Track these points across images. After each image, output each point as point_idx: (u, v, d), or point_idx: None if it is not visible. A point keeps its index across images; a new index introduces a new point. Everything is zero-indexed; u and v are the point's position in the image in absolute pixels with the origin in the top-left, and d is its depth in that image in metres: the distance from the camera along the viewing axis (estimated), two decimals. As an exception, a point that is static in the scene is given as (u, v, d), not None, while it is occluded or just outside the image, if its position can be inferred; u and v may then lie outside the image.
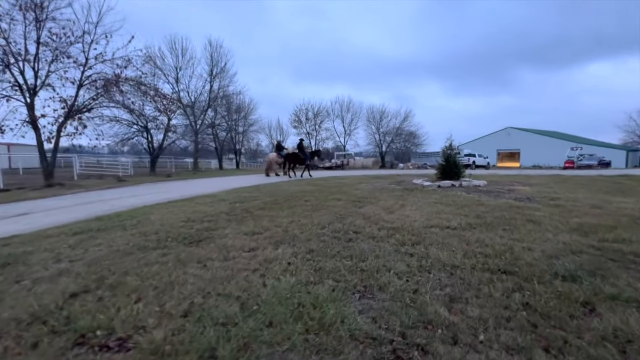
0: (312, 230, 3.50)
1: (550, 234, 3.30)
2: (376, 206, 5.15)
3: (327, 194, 6.74)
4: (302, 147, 15.36)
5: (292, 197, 6.32)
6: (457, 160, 8.52)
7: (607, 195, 6.12)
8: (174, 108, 13.96)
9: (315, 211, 4.73)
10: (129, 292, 1.98)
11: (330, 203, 5.44)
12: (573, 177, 10.51)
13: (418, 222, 3.87)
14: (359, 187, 7.93)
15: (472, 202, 5.39)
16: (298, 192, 7.17)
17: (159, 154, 17.63)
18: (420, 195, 6.32)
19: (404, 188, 7.57)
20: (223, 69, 22.72)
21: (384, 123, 36.77)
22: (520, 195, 6.33)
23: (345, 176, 13.70)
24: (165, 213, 4.77)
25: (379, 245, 2.95)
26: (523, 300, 1.82)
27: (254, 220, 4.11)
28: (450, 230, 3.50)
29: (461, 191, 6.94)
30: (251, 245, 2.99)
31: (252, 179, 13.17)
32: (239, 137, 31.90)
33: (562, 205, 4.97)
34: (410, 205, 5.13)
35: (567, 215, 4.20)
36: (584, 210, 4.54)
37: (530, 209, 4.70)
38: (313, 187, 8.04)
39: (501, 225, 3.69)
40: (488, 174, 15.47)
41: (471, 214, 4.36)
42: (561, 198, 5.77)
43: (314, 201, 5.71)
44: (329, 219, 4.16)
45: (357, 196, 6.27)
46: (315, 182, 9.60)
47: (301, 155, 14.84)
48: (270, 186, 8.87)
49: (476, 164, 28.38)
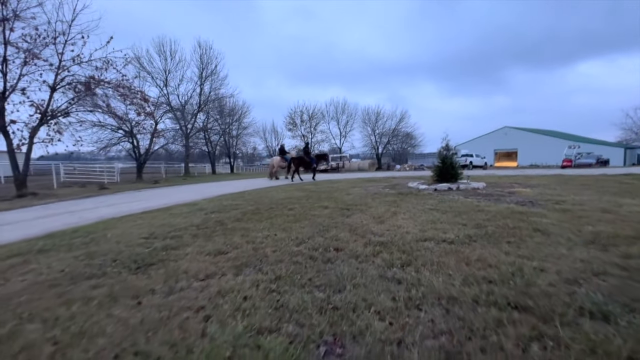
0: (287, 248, 3.02)
1: (563, 247, 2.82)
2: (365, 214, 4.67)
3: (315, 200, 6.26)
4: (308, 151, 15.12)
5: (277, 205, 5.83)
6: (454, 161, 8.07)
7: (615, 197, 5.67)
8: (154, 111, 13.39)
9: (297, 222, 4.25)
10: (18, 349, 1.48)
11: (315, 212, 4.95)
12: (575, 177, 10.09)
13: (410, 235, 3.39)
14: (350, 192, 7.46)
15: (471, 207, 4.93)
16: (284, 199, 6.68)
17: (146, 160, 17.06)
18: (415, 201, 5.85)
19: (398, 192, 7.10)
20: (213, 71, 22.28)
21: (379, 124, 36.49)
22: (522, 198, 5.87)
23: (340, 179, 13.23)
24: (130, 227, 4.26)
25: (362, 267, 2.47)
26: (546, 358, 1.33)
27: (224, 236, 3.62)
28: (446, 244, 3.02)
29: (459, 195, 6.48)
30: (209, 270, 2.50)
31: (242, 184, 12.67)
32: (233, 141, 31.41)
33: (570, 210, 4.51)
34: (403, 213, 4.66)
35: (578, 223, 3.74)
36: (595, 216, 4.08)
37: (536, 215, 4.24)
38: (302, 193, 7.55)
39: (505, 236, 3.22)
40: (486, 174, 15.05)
41: (470, 222, 3.89)
42: (567, 201, 5.32)
43: (299, 209, 5.22)
44: (310, 231, 3.67)
45: (347, 203, 5.79)
46: (305, 188, 9.12)
47: (307, 159, 14.60)
48: (257, 192, 8.37)
49: (473, 164, 28.05)
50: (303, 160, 14.58)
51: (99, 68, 9.87)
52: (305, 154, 14.91)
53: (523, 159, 39.95)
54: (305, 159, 14.63)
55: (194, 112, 21.85)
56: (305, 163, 14.61)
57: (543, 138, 40.26)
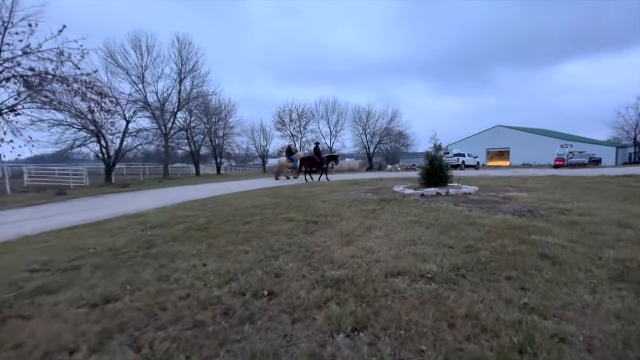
0: (203, 292, 2.16)
1: (584, 288, 2.03)
2: (334, 230, 3.84)
3: (283, 209, 5.41)
4: (318, 151, 15.06)
5: (235, 216, 4.96)
6: (443, 163, 7.29)
7: (625, 204, 4.94)
8: (113, 107, 12.34)
9: (244, 242, 3.39)
10: None
11: (274, 226, 4.10)
12: (573, 179, 9.42)
13: (380, 265, 2.56)
14: (327, 199, 6.62)
15: (461, 219, 4.13)
16: (249, 207, 5.81)
17: (115, 161, 15.91)
18: (397, 210, 5.04)
19: (380, 198, 6.28)
20: (194, 68, 21.11)
21: (370, 123, 35.75)
22: (519, 206, 5.11)
23: (323, 182, 12.38)
24: (28, 252, 3.36)
25: (293, 334, 1.63)
26: None
27: (136, 267, 2.75)
28: (424, 283, 2.20)
29: (448, 202, 5.69)
30: (61, 340, 1.63)
31: (220, 187, 11.74)
32: (220, 141, 30.29)
33: (578, 223, 3.74)
34: (379, 228, 3.84)
35: (593, 243, 2.96)
36: (611, 232, 3.31)
37: (539, 230, 3.45)
38: (273, 200, 6.69)
39: (503, 267, 2.42)
40: (479, 175, 14.39)
41: (459, 243, 3.09)
42: (572, 210, 4.56)
43: (257, 223, 4.37)
44: (252, 259, 2.82)
45: (317, 213, 4.95)
46: (280, 193, 8.25)
47: (317, 160, 14.59)
48: (224, 199, 7.48)
49: (466, 163, 27.50)
50: (314, 161, 14.53)
51: (52, 60, 8.83)
52: (316, 155, 14.82)
53: (515, 158, 39.65)
54: (316, 159, 14.57)
55: (174, 110, 20.69)
56: (316, 163, 14.56)
57: (534, 137, 40.02)
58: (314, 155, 14.79)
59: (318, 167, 14.73)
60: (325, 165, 14.82)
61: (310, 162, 14.53)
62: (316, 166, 14.67)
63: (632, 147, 39.13)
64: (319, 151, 15.15)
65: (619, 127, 39.23)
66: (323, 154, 15.31)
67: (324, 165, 14.72)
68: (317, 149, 15.28)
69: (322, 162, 14.65)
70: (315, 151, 15.09)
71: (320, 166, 14.66)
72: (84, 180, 14.37)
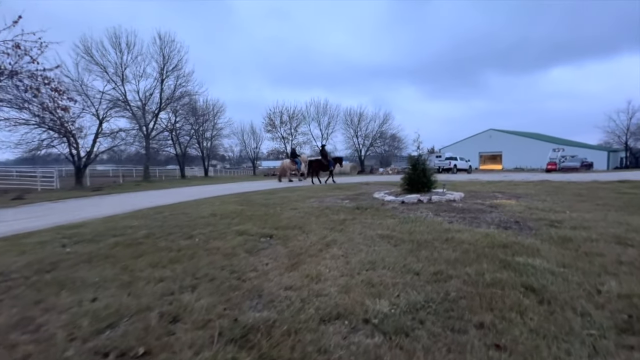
0: (51, 354, 1.54)
1: (580, 345, 1.47)
2: (286, 247, 3.24)
3: (243, 219, 4.80)
4: (325, 154, 15.15)
5: (184, 227, 4.34)
6: (426, 167, 6.74)
7: (622, 215, 4.43)
8: (71, 105, 11.58)
9: (171, 264, 2.78)
10: None
11: (218, 243, 3.49)
12: (565, 185, 8.95)
13: (319, 301, 1.97)
14: (299, 206, 6.02)
15: (437, 234, 3.57)
16: (207, 216, 5.18)
17: (88, 163, 15.07)
18: (370, 220, 4.47)
19: (356, 206, 5.70)
20: (177, 66, 20.32)
21: (362, 126, 35.24)
22: (506, 216, 4.57)
23: (302, 187, 11.76)
24: None
25: None
26: None
27: (7, 301, 2.12)
28: (365, 336, 1.61)
29: (428, 210, 5.13)
30: None
31: (196, 192, 11.07)
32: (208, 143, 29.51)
33: (572, 240, 3.20)
34: (340, 245, 3.25)
35: (590, 268, 2.41)
36: (610, 252, 2.77)
37: (525, 250, 2.90)
38: (238, 208, 6.07)
39: (476, 308, 1.84)
40: (469, 180, 13.93)
41: (427, 267, 2.51)
42: (564, 222, 4.03)
43: (203, 236, 3.77)
44: (161, 290, 2.22)
45: (278, 224, 4.35)
46: (251, 199, 7.61)
47: (325, 162, 14.69)
48: (189, 205, 6.84)
49: (458, 167, 27.14)
50: (321, 163, 14.61)
51: (9, 54, 8.11)
52: (323, 157, 14.92)
53: (508, 162, 39.50)
54: (324, 161, 14.63)
55: (155, 111, 19.88)
56: (324, 166, 14.63)
57: (527, 141, 39.93)
58: (322, 158, 14.86)
59: (325, 170, 14.73)
60: (332, 168, 14.82)
61: (319, 164, 14.58)
62: (324, 169, 14.69)
63: (623, 151, 39.20)
64: (326, 153, 15.18)
65: (611, 132, 39.28)
66: (330, 157, 15.30)
67: (331, 168, 14.69)
68: (323, 152, 15.32)
69: (329, 164, 14.68)
70: (322, 153, 15.17)
71: (327, 168, 14.64)
72: (54, 183, 13.57)
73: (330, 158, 15.24)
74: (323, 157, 14.97)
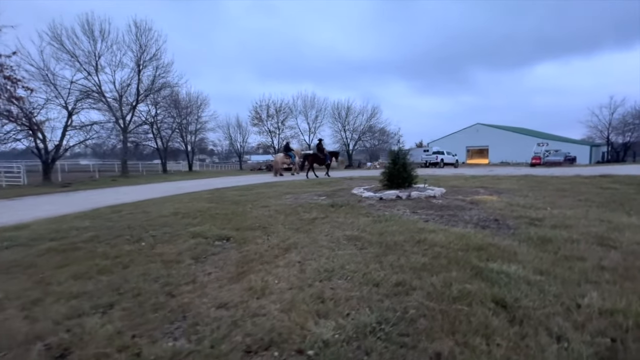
0: None
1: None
2: (239, 252, 2.90)
3: (204, 219, 4.42)
4: (321, 148, 15.10)
5: (135, 228, 3.94)
6: (407, 162, 6.46)
7: (605, 212, 4.24)
8: (24, 93, 10.82)
9: (99, 274, 2.40)
10: None
11: (165, 248, 3.12)
12: (548, 179, 8.84)
13: (252, 323, 1.64)
14: (271, 203, 5.67)
15: (410, 234, 3.28)
16: (167, 215, 4.78)
17: (55, 158, 14.26)
18: (341, 220, 4.16)
19: (330, 203, 5.38)
20: (155, 56, 19.42)
21: (350, 120, 34.88)
22: (486, 213, 4.33)
23: (284, 182, 11.38)
24: None
25: None
26: None
27: None
28: (293, 375, 1.29)
29: (406, 208, 4.86)
30: None
31: (168, 188, 10.57)
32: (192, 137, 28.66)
33: (551, 240, 2.96)
34: (301, 249, 2.93)
35: (569, 276, 2.15)
36: (591, 254, 2.53)
37: (501, 254, 2.63)
38: (205, 205, 5.67)
39: (436, 331, 1.55)
40: (454, 174, 13.81)
41: (390, 276, 2.21)
42: (544, 219, 3.81)
43: (155, 238, 3.40)
44: (68, 311, 1.85)
45: (242, 224, 4.00)
46: (223, 196, 7.19)
47: (321, 156, 14.65)
48: (153, 203, 6.39)
49: (445, 161, 27.18)
50: (317, 157, 14.54)
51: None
52: (319, 151, 14.84)
53: (494, 156, 39.90)
54: (320, 155, 14.56)
55: (132, 103, 18.98)
56: (320, 160, 14.56)
57: (513, 135, 40.37)
58: (318, 152, 14.78)
59: (321, 163, 14.68)
60: (328, 162, 14.78)
61: (314, 158, 14.51)
62: (319, 162, 14.63)
63: (605, 146, 40.05)
64: (322, 147, 15.10)
65: (593, 126, 40.01)
66: (326, 151, 15.28)
67: (327, 162, 14.67)
68: (320, 146, 15.23)
69: (325, 158, 14.64)
70: (319, 148, 15.08)
71: (323, 162, 14.61)
72: (21, 178, 12.75)
73: (327, 152, 15.18)
74: (319, 151, 14.91)
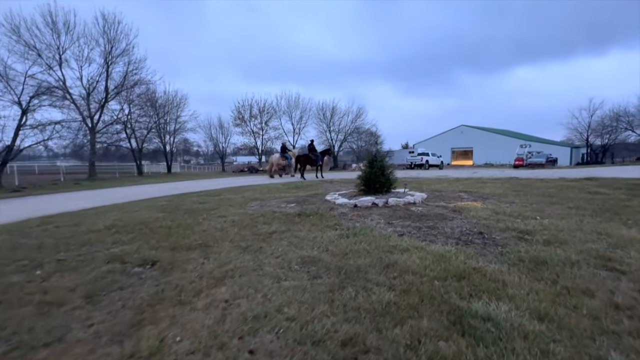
0: None
1: None
2: (155, 287, 2.24)
3: (141, 234, 3.72)
4: (313, 148, 14.96)
5: (50, 247, 3.21)
6: (385, 165, 5.91)
7: (599, 221, 3.79)
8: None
9: None
10: None
11: (61, 279, 2.42)
12: (534, 182, 8.50)
13: None
14: (229, 213, 4.99)
15: (378, 256, 2.69)
16: (102, 229, 4.04)
17: (7, 160, 13.06)
18: (304, 233, 3.54)
19: (298, 212, 4.75)
20: (125, 52, 18.29)
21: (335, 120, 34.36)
22: (469, 224, 3.81)
23: (257, 186, 10.65)
24: None
25: None
26: None
27: None
28: None
29: (381, 217, 4.29)
30: None
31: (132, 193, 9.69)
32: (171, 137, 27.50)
33: (546, 262, 2.43)
34: (236, 280, 2.29)
35: (575, 324, 1.60)
36: (597, 288, 2.01)
37: (486, 286, 2.08)
38: (153, 215, 4.94)
39: None
40: (438, 176, 13.43)
41: (338, 328, 1.60)
42: (535, 232, 3.31)
43: (62, 263, 2.68)
44: None
45: (180, 242, 3.32)
46: (181, 205, 6.44)
47: (312, 157, 14.53)
48: (91, 213, 5.61)
49: (430, 163, 27.02)
50: (309, 158, 14.45)
51: None
52: (310, 151, 14.71)
53: (478, 158, 40.22)
54: (311, 156, 14.46)
55: (101, 101, 17.81)
56: (311, 161, 14.47)
57: (496, 137, 40.81)
58: (309, 153, 14.67)
59: (313, 164, 14.60)
60: (320, 163, 14.68)
61: (306, 159, 14.44)
62: (311, 163, 14.55)
63: (584, 147, 40.98)
64: (314, 148, 14.97)
65: (573, 129, 40.88)
66: (317, 151, 15.16)
67: (319, 163, 14.61)
68: (312, 146, 15.06)
69: (317, 159, 14.52)
70: (310, 148, 14.95)
71: (315, 163, 14.51)
72: (-32, 182, 11.54)
73: (318, 152, 15.01)
74: (311, 151, 14.76)
